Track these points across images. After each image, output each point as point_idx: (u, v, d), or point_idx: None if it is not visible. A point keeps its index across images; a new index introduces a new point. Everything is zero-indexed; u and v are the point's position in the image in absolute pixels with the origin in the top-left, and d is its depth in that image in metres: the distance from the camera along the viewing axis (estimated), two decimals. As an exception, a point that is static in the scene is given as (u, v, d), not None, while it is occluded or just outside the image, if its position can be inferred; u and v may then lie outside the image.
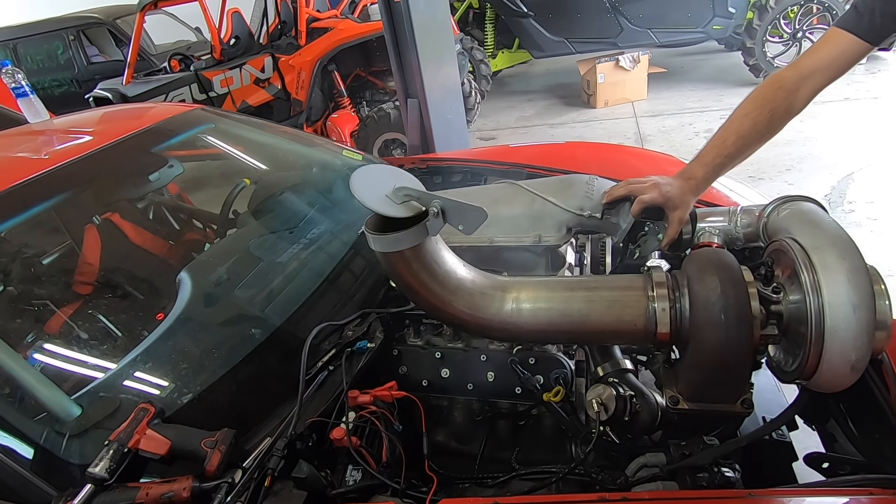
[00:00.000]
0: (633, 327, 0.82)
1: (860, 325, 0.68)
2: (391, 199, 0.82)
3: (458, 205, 0.80)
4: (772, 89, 0.93)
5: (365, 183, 0.83)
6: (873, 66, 5.30)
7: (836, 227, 0.77)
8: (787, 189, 3.33)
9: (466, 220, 0.80)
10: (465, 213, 0.80)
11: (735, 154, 0.95)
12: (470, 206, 0.79)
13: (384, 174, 0.86)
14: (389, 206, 0.81)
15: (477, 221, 0.79)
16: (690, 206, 0.98)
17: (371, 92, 4.55)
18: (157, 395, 1.01)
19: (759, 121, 0.92)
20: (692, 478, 0.80)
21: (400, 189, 0.83)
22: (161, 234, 2.01)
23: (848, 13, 0.88)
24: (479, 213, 0.79)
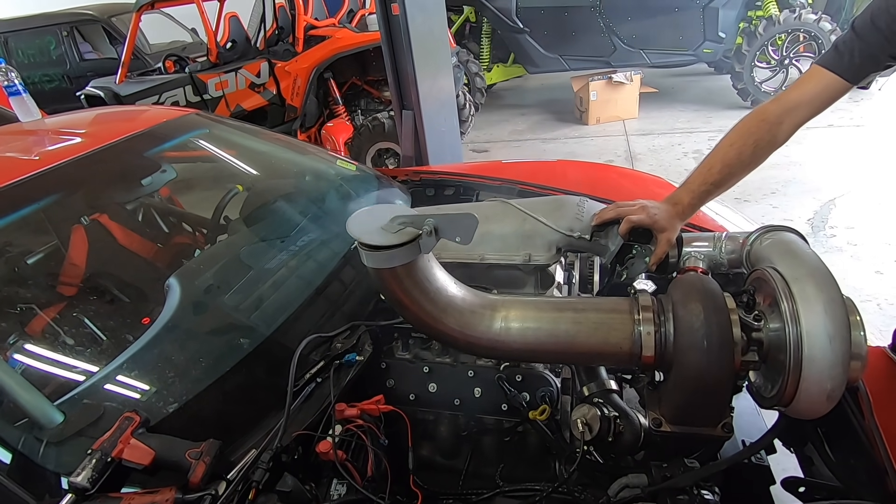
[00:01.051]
0: (619, 349, 0.83)
1: (836, 356, 0.70)
2: (387, 230, 0.84)
3: (450, 218, 0.82)
4: (756, 121, 0.96)
5: (361, 224, 0.86)
6: (856, 94, 5.46)
7: (815, 259, 0.80)
8: (772, 212, 3.40)
9: (460, 230, 0.81)
10: (458, 224, 0.81)
11: (720, 182, 0.98)
12: (460, 216, 0.80)
13: (378, 212, 0.88)
14: (386, 237, 0.82)
15: (470, 229, 0.81)
16: (677, 230, 1.01)
17: (366, 101, 4.57)
18: (142, 402, 1.00)
19: (744, 151, 0.96)
20: (672, 499, 0.81)
21: (394, 219, 0.84)
22: (150, 237, 1.99)
23: (829, 52, 0.92)
24: (471, 220, 0.81)
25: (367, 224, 0.84)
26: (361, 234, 0.81)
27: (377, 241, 0.80)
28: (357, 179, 1.87)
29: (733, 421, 0.84)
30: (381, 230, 0.82)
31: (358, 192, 1.78)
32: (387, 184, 1.92)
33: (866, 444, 0.95)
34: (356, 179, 1.87)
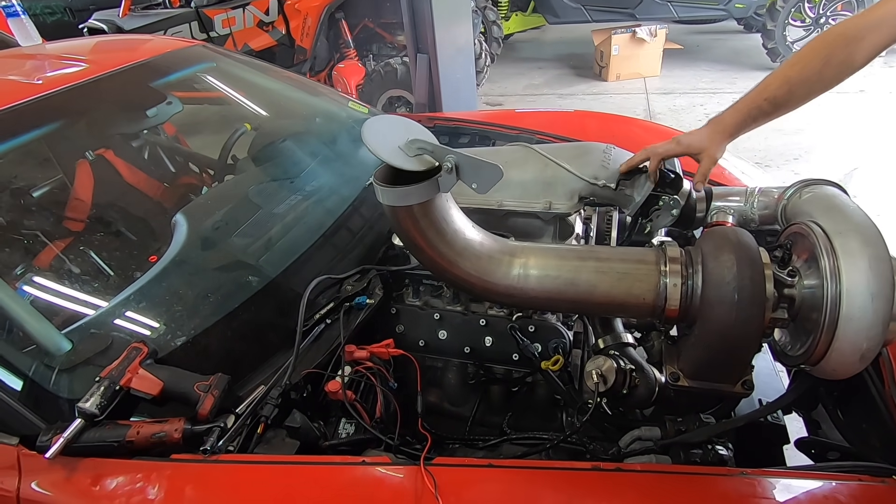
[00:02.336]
0: (642, 301, 0.80)
1: (876, 315, 0.67)
2: (404, 151, 0.78)
3: (474, 161, 0.76)
4: (832, 35, 0.83)
5: (377, 133, 0.79)
6: (892, 59, 5.19)
7: (860, 214, 0.75)
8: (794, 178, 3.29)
9: (481, 177, 0.76)
10: (481, 171, 0.76)
11: (775, 101, 0.86)
12: (486, 163, 0.75)
13: (398, 125, 0.82)
14: (402, 158, 0.77)
15: (492, 180, 0.76)
16: (721, 148, 0.91)
17: (378, 45, 4.38)
18: (150, 335, 0.99)
19: (811, 67, 0.82)
20: (686, 453, 0.80)
21: (414, 141, 0.79)
22: (156, 176, 1.95)
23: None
24: (495, 170, 0.76)
25: (383, 136, 0.78)
26: (378, 146, 0.75)
27: (392, 160, 0.75)
28: (369, 123, 1.80)
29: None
30: (398, 149, 0.77)
31: (370, 136, 1.71)
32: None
33: (883, 409, 0.93)
34: (368, 123, 1.80)
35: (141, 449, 0.80)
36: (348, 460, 0.77)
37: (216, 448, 0.79)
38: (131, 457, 0.79)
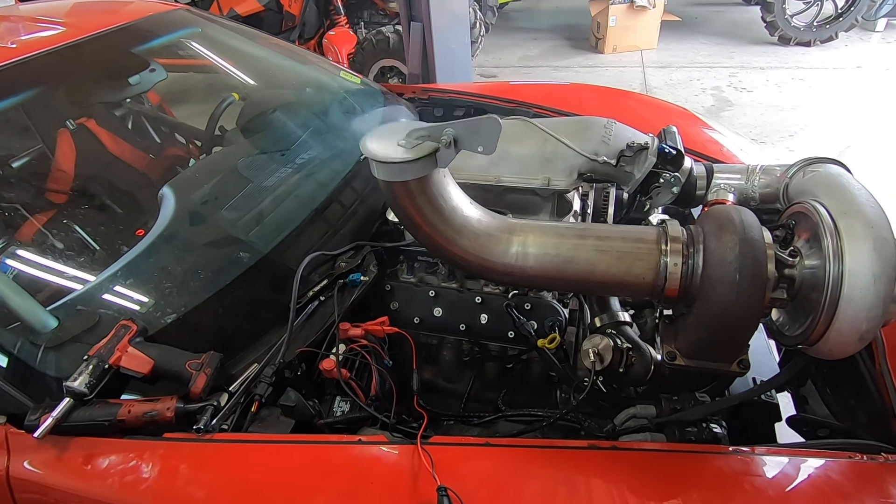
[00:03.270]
0: (642, 280, 0.79)
1: (877, 296, 0.66)
2: (404, 146, 0.75)
3: (469, 124, 0.73)
4: None
5: (376, 142, 0.77)
6: (890, 35, 5.15)
7: (865, 194, 0.74)
8: (788, 155, 3.29)
9: (482, 137, 0.73)
10: (479, 131, 0.73)
11: None
12: (481, 120, 0.72)
13: (394, 129, 0.79)
14: (405, 152, 0.74)
15: (494, 134, 0.73)
16: None
17: (370, 12, 4.25)
18: (139, 312, 0.97)
19: None
20: (681, 431, 0.81)
21: (412, 132, 0.75)
22: (140, 146, 1.89)
23: None
24: (493, 124, 0.72)
25: (382, 142, 0.76)
26: (379, 153, 0.73)
27: (395, 157, 0.73)
28: (362, 94, 1.75)
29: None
30: (399, 147, 0.75)
31: (362, 108, 1.66)
32: (393, 100, 1.79)
33: (872, 387, 0.95)
34: (361, 94, 1.74)
35: (132, 428, 0.79)
36: (345, 439, 0.77)
37: (210, 427, 0.78)
38: (123, 436, 0.78)
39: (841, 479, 0.73)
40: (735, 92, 4.25)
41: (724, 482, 0.74)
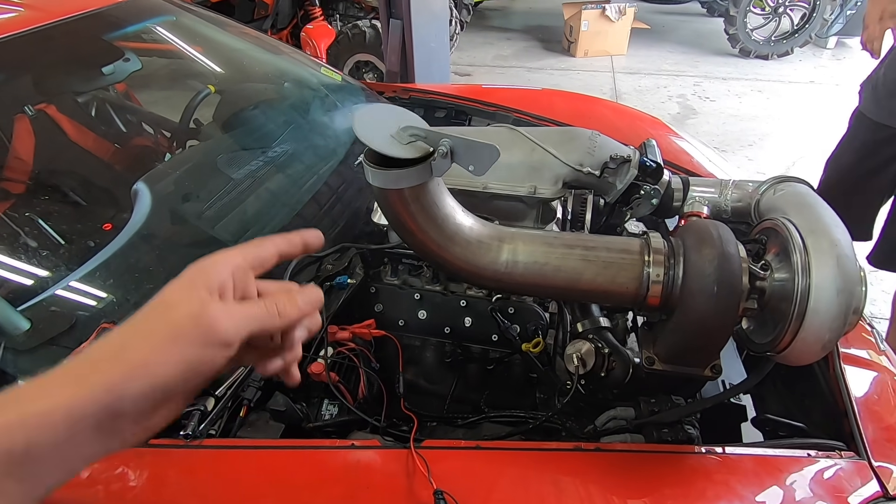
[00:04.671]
0: (625, 290, 0.83)
1: (839, 309, 0.72)
2: (397, 139, 0.76)
3: (469, 143, 0.75)
4: None
5: (368, 123, 0.76)
6: (840, 52, 5.46)
7: (831, 213, 0.80)
8: (747, 163, 3.46)
9: (478, 159, 0.75)
10: (477, 153, 0.75)
11: None
12: (482, 145, 0.74)
13: (388, 113, 0.79)
14: (397, 146, 0.74)
15: (489, 161, 0.75)
16: None
17: (345, 5, 4.18)
18: (119, 314, 0.94)
19: None
20: (658, 432, 0.85)
21: (407, 128, 0.76)
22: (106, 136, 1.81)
23: None
24: (492, 151, 0.74)
25: (374, 125, 0.75)
26: (369, 136, 0.72)
27: (386, 150, 0.73)
28: (342, 91, 1.73)
29: (720, 363, 0.87)
30: (391, 138, 0.75)
31: (344, 105, 1.65)
32: (373, 99, 1.79)
33: (825, 388, 1.03)
34: (341, 91, 1.73)
35: (116, 434, 0.77)
36: (337, 444, 0.77)
37: (197, 432, 0.77)
38: (106, 442, 0.76)
39: (803, 475, 0.80)
40: (699, 100, 4.43)
41: (698, 479, 0.79)
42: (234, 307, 0.39)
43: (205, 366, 0.37)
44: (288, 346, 0.45)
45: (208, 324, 0.37)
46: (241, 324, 0.38)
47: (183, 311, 0.37)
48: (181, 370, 0.36)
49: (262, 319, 0.40)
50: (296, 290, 0.44)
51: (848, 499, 0.79)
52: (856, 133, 1.74)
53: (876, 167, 1.67)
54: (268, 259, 0.44)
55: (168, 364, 0.35)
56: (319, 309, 0.46)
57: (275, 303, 0.41)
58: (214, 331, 0.37)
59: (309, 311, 0.44)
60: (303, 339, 0.45)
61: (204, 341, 0.36)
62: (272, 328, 0.41)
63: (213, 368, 0.38)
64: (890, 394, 1.03)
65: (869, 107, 1.67)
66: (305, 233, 0.48)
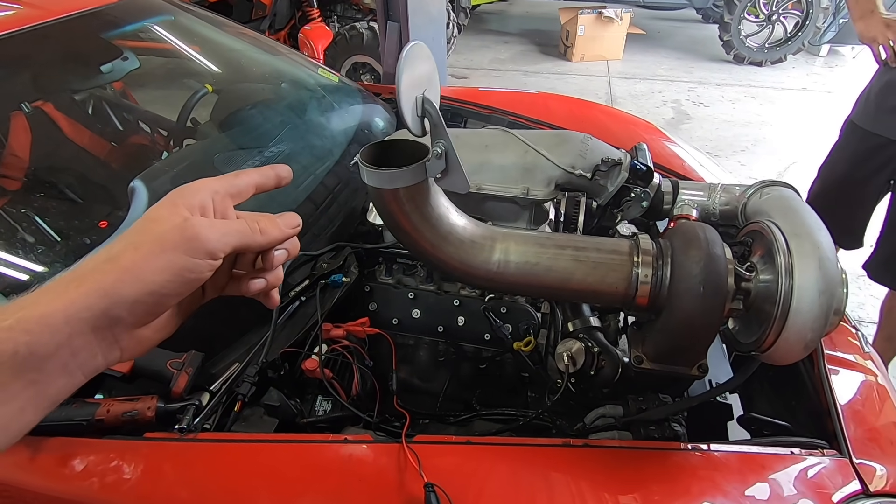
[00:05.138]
0: (615, 290, 0.85)
1: (821, 309, 0.74)
2: (417, 105, 0.74)
3: (456, 161, 0.76)
4: None
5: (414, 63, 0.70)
6: (832, 60, 5.53)
7: (814, 217, 0.82)
8: (739, 168, 3.50)
9: (452, 179, 0.77)
10: (456, 174, 0.77)
11: None
12: (462, 174, 0.76)
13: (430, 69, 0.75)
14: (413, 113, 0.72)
15: (456, 186, 0.77)
16: None
17: (343, 6, 4.20)
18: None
19: None
20: (645, 430, 0.87)
21: (428, 101, 0.74)
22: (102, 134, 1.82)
23: None
24: (464, 185, 0.76)
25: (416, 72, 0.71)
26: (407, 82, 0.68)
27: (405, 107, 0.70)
28: (340, 92, 1.75)
29: (706, 363, 0.89)
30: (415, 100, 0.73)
31: (340, 106, 1.66)
32: (370, 100, 1.80)
33: (811, 388, 1.05)
34: (339, 92, 1.74)
35: (111, 428, 0.78)
36: (330, 438, 0.79)
37: (192, 426, 0.79)
38: (101, 436, 0.77)
39: (783, 472, 0.81)
40: (693, 106, 4.47)
41: (684, 476, 0.81)
42: (216, 221, 0.41)
43: (191, 274, 0.38)
44: (269, 267, 0.46)
45: (193, 235, 0.38)
46: (225, 237, 0.40)
47: (168, 224, 0.38)
48: (169, 277, 0.37)
49: (245, 234, 0.42)
50: (273, 215, 0.46)
51: (830, 495, 0.81)
52: (847, 141, 1.77)
53: (867, 175, 1.70)
54: (245, 189, 0.46)
55: (157, 271, 0.37)
56: (297, 232, 0.47)
57: (256, 221, 0.43)
58: (199, 241, 0.38)
59: (289, 232, 0.46)
60: (282, 260, 0.47)
61: (189, 249, 0.38)
62: (254, 244, 0.43)
63: (199, 279, 0.39)
64: (874, 395, 1.05)
65: (861, 116, 1.70)
66: (277, 167, 0.50)
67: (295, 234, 0.47)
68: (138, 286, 0.37)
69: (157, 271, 0.37)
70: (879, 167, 1.66)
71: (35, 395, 0.35)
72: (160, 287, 0.37)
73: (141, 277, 0.37)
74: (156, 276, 0.37)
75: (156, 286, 0.37)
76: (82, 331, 0.35)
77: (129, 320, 0.38)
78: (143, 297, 0.37)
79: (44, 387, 0.35)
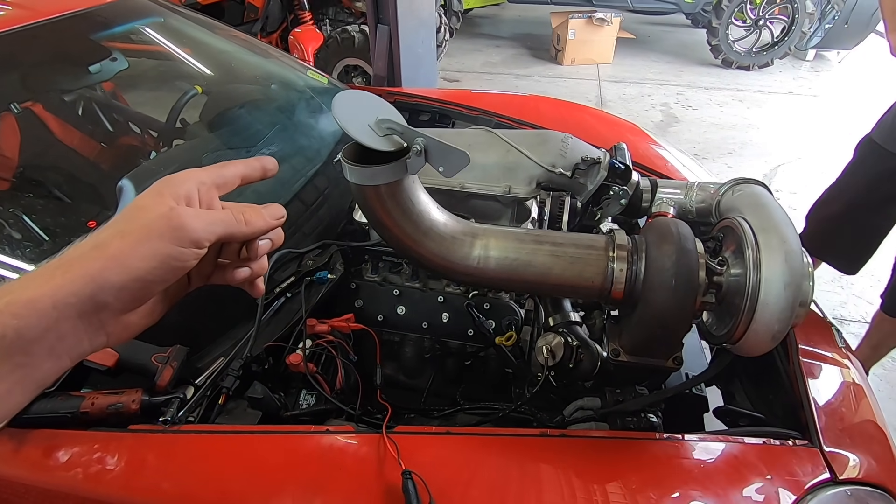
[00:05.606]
0: (591, 284, 0.87)
1: (787, 301, 0.76)
2: (374, 129, 0.79)
3: (442, 146, 0.79)
4: None
5: (347, 108, 0.79)
6: (818, 64, 5.62)
7: (780, 212, 0.85)
8: (726, 170, 3.55)
9: (448, 162, 0.79)
10: (449, 156, 0.79)
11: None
12: (454, 149, 0.78)
13: (368, 102, 0.82)
14: (372, 137, 0.78)
15: (459, 165, 0.79)
16: None
17: (335, 10, 4.22)
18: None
19: None
20: (622, 421, 0.89)
21: (384, 121, 0.80)
22: (92, 135, 1.83)
23: None
24: (463, 157, 0.78)
25: (354, 112, 0.78)
26: (347, 122, 0.75)
27: (361, 138, 0.75)
28: (329, 93, 1.77)
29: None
30: (368, 128, 0.78)
31: (329, 107, 1.68)
32: (360, 102, 1.82)
33: (786, 381, 1.07)
34: (328, 93, 1.76)
35: (96, 420, 0.79)
36: (312, 429, 0.80)
37: (176, 419, 0.80)
38: (86, 428, 0.78)
39: (755, 461, 0.84)
40: (682, 109, 4.53)
41: (659, 465, 0.83)
42: (202, 211, 0.41)
43: (177, 262, 0.39)
44: (253, 257, 0.47)
45: (179, 223, 0.39)
46: (210, 226, 0.41)
47: (154, 213, 0.39)
48: (155, 265, 0.38)
49: (230, 224, 0.42)
50: (258, 206, 0.46)
51: (800, 483, 0.84)
52: (864, 161, 1.67)
53: (884, 197, 1.60)
54: (230, 180, 0.46)
55: (143, 258, 0.38)
56: (282, 224, 0.48)
57: (241, 212, 0.44)
58: (185, 229, 0.39)
59: (274, 223, 0.47)
60: (267, 250, 0.48)
61: (175, 238, 0.39)
62: (239, 234, 0.44)
63: (184, 267, 0.40)
64: (849, 390, 1.08)
65: (882, 134, 1.60)
66: (263, 158, 0.50)
67: (279, 225, 0.48)
68: (124, 273, 0.37)
69: (143, 258, 0.38)
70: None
71: (22, 378, 0.35)
72: (146, 274, 0.38)
73: (127, 264, 0.37)
74: (142, 263, 0.38)
75: (142, 273, 0.38)
76: (69, 315, 0.36)
77: (116, 306, 0.38)
78: (129, 283, 0.38)
79: (31, 370, 0.36)
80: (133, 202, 0.41)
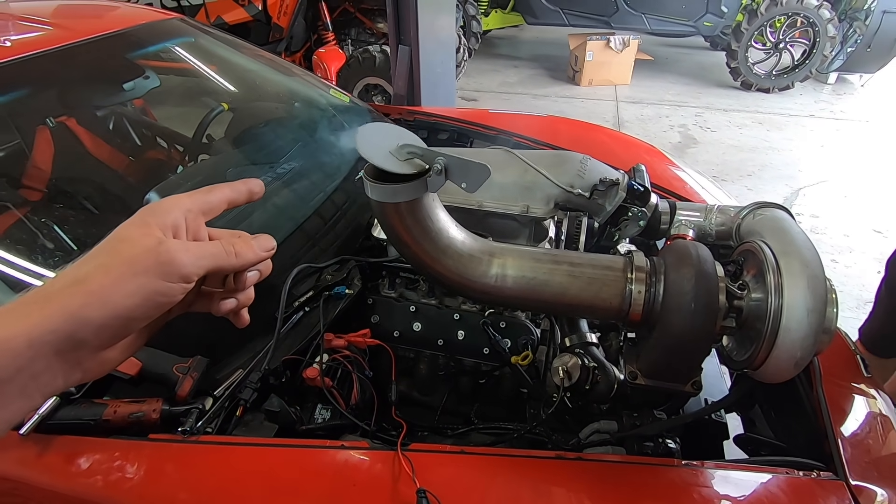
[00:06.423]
0: (609, 305, 0.86)
1: (810, 328, 0.75)
2: (395, 155, 0.81)
3: (462, 162, 0.80)
4: None
5: (370, 140, 0.81)
6: (840, 87, 5.56)
7: (803, 237, 0.84)
8: (746, 193, 3.51)
9: (470, 177, 0.80)
10: (469, 171, 0.80)
11: None
12: (474, 164, 0.79)
13: (388, 131, 0.85)
14: (394, 162, 0.80)
15: (480, 179, 0.80)
16: None
17: (357, 30, 4.33)
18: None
19: None
20: (639, 445, 0.88)
21: (404, 146, 0.81)
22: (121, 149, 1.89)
23: None
24: (483, 170, 0.79)
25: (375, 142, 0.80)
26: (370, 152, 0.77)
27: (384, 164, 0.78)
28: (350, 112, 1.81)
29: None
30: (389, 154, 0.80)
31: (351, 125, 1.72)
32: (379, 120, 1.86)
33: (809, 410, 1.05)
34: (349, 112, 1.81)
35: (117, 428, 0.81)
36: (327, 444, 0.80)
37: (195, 429, 0.81)
38: (107, 436, 0.79)
39: (778, 492, 0.81)
40: (700, 130, 4.51)
41: (677, 492, 0.81)
42: (191, 244, 0.40)
43: (163, 298, 0.37)
44: (241, 288, 0.46)
45: (168, 259, 0.37)
46: (199, 260, 0.39)
47: (140, 246, 0.37)
48: (139, 302, 0.36)
49: (220, 258, 0.41)
50: (248, 236, 0.45)
51: (824, 517, 0.81)
52: None
53: None
54: (217, 205, 0.45)
55: (127, 295, 0.36)
56: (271, 255, 0.47)
57: (231, 244, 0.42)
58: (174, 265, 0.37)
59: (263, 255, 0.45)
60: (255, 281, 0.46)
61: (163, 274, 0.37)
62: (228, 267, 0.42)
63: (170, 302, 0.38)
64: (876, 422, 1.05)
65: None
66: (249, 181, 0.49)
67: (269, 257, 0.46)
68: (106, 310, 0.35)
69: (126, 295, 0.36)
70: None
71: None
72: (129, 311, 0.36)
73: (109, 301, 0.35)
74: (125, 301, 0.36)
75: (124, 310, 0.36)
76: (45, 354, 0.34)
77: (95, 343, 0.36)
78: (110, 320, 0.36)
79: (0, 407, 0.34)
80: (115, 232, 0.39)
